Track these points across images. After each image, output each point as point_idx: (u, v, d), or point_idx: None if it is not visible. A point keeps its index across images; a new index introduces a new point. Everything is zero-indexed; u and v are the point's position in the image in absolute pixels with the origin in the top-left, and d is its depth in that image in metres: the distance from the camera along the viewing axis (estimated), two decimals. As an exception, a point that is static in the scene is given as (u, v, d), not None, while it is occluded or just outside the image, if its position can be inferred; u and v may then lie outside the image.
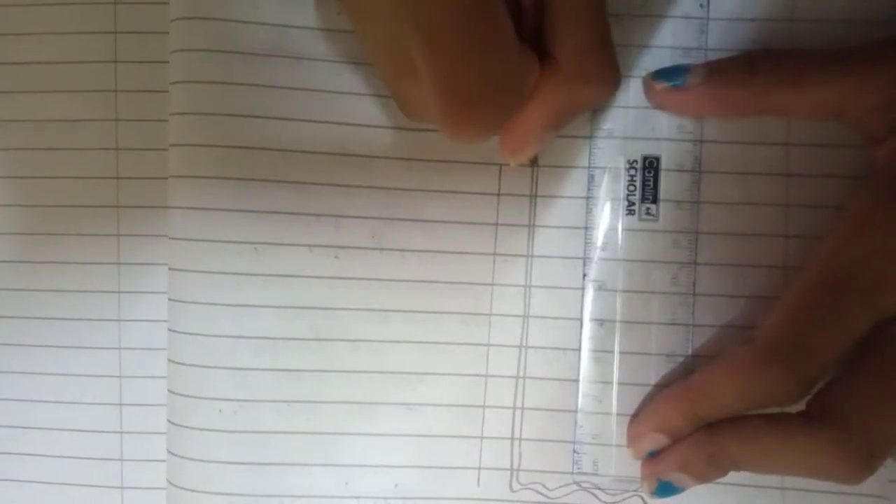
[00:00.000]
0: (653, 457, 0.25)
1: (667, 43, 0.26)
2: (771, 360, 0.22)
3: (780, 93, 0.24)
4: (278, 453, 0.26)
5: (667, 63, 0.25)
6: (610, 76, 0.23)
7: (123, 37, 0.29)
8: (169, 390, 0.27)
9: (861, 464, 0.22)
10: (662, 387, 0.25)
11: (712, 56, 0.25)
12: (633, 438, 0.25)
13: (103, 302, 0.29)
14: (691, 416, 0.24)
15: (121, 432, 0.29)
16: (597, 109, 0.26)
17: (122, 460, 0.29)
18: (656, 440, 0.24)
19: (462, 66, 0.20)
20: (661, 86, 0.25)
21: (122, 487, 0.29)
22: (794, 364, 0.22)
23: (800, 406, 0.23)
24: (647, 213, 0.26)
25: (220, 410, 0.26)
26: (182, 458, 0.27)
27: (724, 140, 0.26)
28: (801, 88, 0.24)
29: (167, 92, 0.26)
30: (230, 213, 0.26)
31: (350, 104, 0.26)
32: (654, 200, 0.26)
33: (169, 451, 0.27)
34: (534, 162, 0.26)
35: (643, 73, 0.25)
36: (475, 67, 0.20)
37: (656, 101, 0.25)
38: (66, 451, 0.29)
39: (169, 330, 0.27)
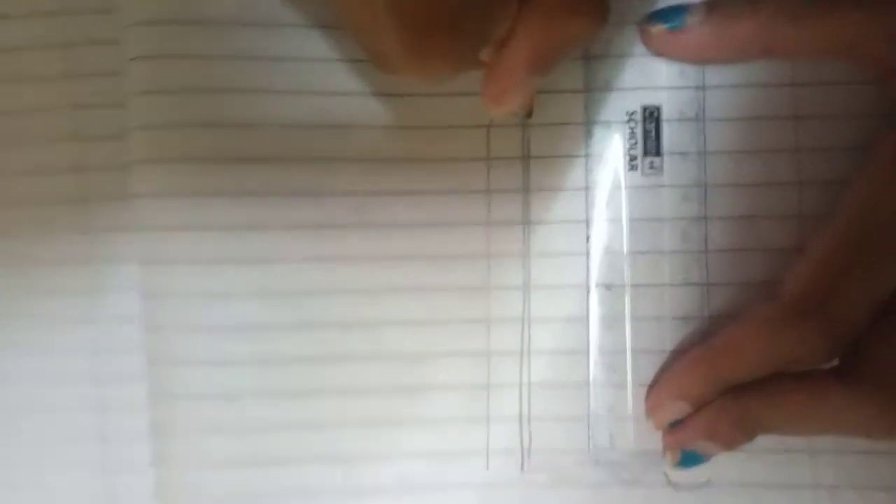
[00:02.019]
0: (675, 426, 0.24)
1: (662, -17, 0.24)
2: (800, 315, 0.21)
3: (788, 27, 0.22)
4: (270, 449, 0.25)
5: (663, 5, 0.24)
6: (597, 8, 0.21)
7: (74, 18, 0.27)
8: (150, 390, 0.26)
9: (901, 418, 0.21)
10: (680, 352, 0.24)
11: None
12: (652, 408, 0.24)
13: (76, 301, 0.27)
14: (714, 380, 0.23)
15: (103, 440, 0.27)
16: (589, 59, 0.25)
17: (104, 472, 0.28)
18: (678, 408, 0.23)
19: None
20: (658, 29, 0.24)
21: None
22: (825, 319, 0.21)
23: (829, 364, 0.22)
24: (651, 168, 0.25)
25: (204, 407, 0.25)
26: (168, 461, 0.25)
27: (728, 84, 0.24)
28: (810, 22, 0.22)
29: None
30: (200, 197, 0.25)
31: (323, 71, 0.25)
32: (658, 153, 0.25)
33: (154, 456, 0.26)
34: (528, 115, 0.25)
35: (638, 18, 0.24)
36: None
37: (654, 46, 0.24)
38: (45, 458, 0.28)
39: (146, 326, 0.26)
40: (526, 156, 0.25)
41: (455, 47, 0.20)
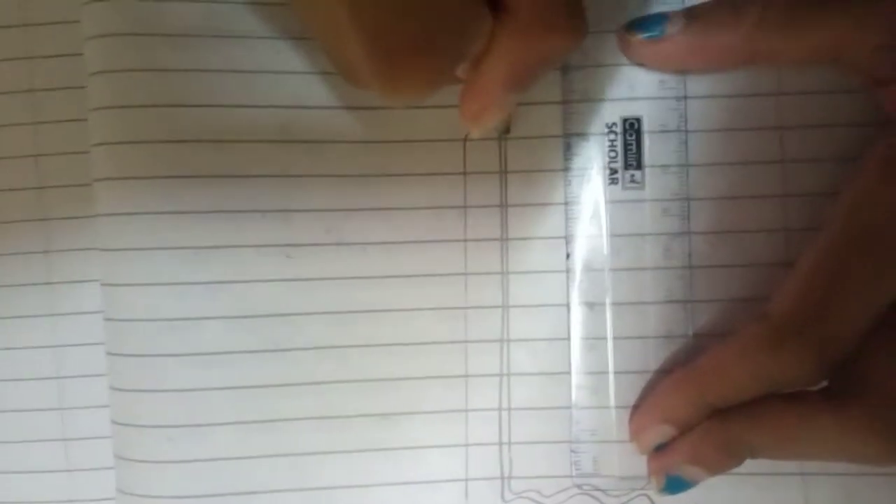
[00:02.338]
0: (660, 450, 0.23)
1: (641, -9, 0.24)
2: (790, 335, 0.20)
3: (771, 37, 0.22)
4: (240, 482, 0.24)
5: (642, 13, 0.23)
6: (574, 24, 0.21)
7: (35, 29, 0.26)
8: (112, 420, 0.25)
9: (893, 441, 0.20)
10: (664, 372, 0.24)
11: (691, 3, 0.23)
12: (636, 432, 0.23)
13: (36, 326, 0.27)
14: (700, 402, 0.22)
15: (68, 470, 0.27)
16: (567, 70, 0.24)
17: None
18: (663, 432, 0.22)
19: (385, 11, 0.18)
20: (637, 38, 0.23)
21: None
22: (816, 339, 0.20)
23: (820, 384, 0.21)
24: (632, 181, 0.24)
25: (169, 438, 0.24)
26: (132, 495, 0.24)
27: (710, 94, 0.24)
28: (795, 30, 0.22)
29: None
30: (164, 216, 0.24)
31: (293, 84, 0.24)
32: (639, 166, 0.24)
33: (118, 490, 0.25)
34: (506, 131, 0.24)
35: (617, 27, 0.24)
36: (400, 11, 0.18)
37: (633, 55, 0.24)
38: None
39: (107, 353, 0.25)
40: (503, 170, 0.24)
41: (427, 67, 0.19)
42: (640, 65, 0.24)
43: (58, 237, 0.26)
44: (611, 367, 0.24)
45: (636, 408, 0.24)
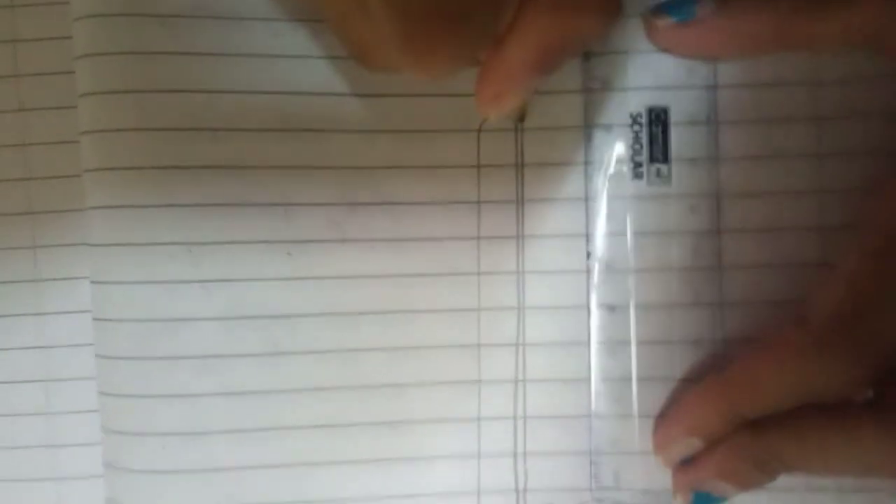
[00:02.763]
0: (686, 464, 0.22)
1: (667, -27, 0.23)
2: (833, 342, 0.19)
3: (807, 18, 0.21)
4: (237, 493, 0.23)
5: None
6: (607, 3, 0.20)
7: (22, 10, 0.26)
8: (102, 426, 0.24)
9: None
10: (690, 380, 0.23)
11: None
12: (661, 444, 0.22)
13: (22, 326, 0.26)
14: (731, 414, 0.21)
15: (55, 479, 0.26)
16: (588, 56, 0.23)
17: None
18: (690, 444, 0.22)
19: None
20: (664, 22, 0.22)
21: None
22: (861, 346, 0.19)
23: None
24: (658, 176, 0.23)
25: (163, 447, 0.23)
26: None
27: (742, 83, 0.23)
28: (832, 11, 0.21)
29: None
30: (157, 210, 0.23)
31: (294, 69, 0.23)
32: (665, 160, 0.23)
33: (107, 500, 0.24)
34: (521, 119, 0.23)
35: (642, 10, 0.22)
36: None
37: (660, 41, 0.22)
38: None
39: (96, 355, 0.24)
40: (519, 163, 0.23)
41: (459, 36, 0.18)
42: (667, 51, 0.23)
43: (44, 231, 0.26)
44: (633, 374, 0.23)
45: (661, 418, 0.23)
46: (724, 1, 0.21)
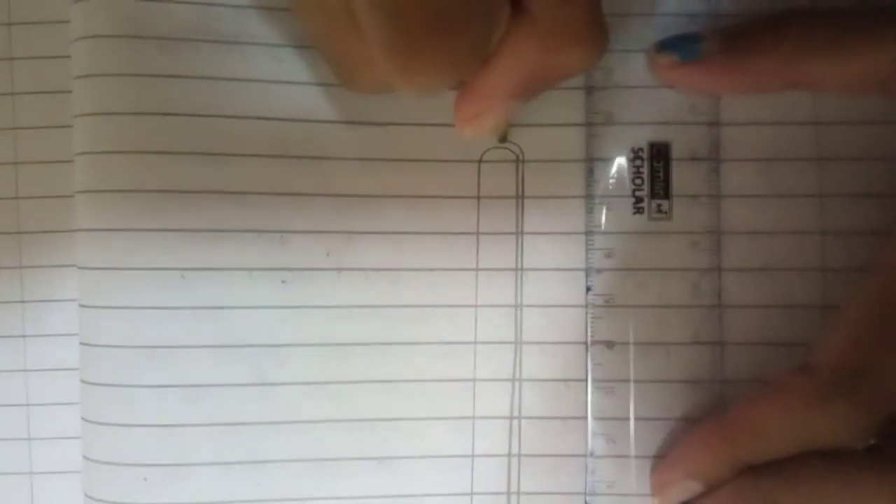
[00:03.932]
0: None
1: (670, 9, 0.23)
2: (838, 391, 0.19)
3: (814, 62, 0.21)
4: None
5: (671, 32, 0.22)
6: (594, 37, 0.19)
7: (18, 28, 0.25)
8: (84, 456, 0.23)
9: (948, 509, 0.18)
10: (689, 420, 0.22)
11: (723, 23, 0.22)
12: (659, 487, 0.22)
13: (5, 347, 0.25)
14: (732, 458, 0.20)
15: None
16: (591, 91, 0.23)
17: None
18: (688, 488, 0.21)
19: None
20: (668, 59, 0.22)
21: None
22: (867, 396, 0.19)
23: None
24: (659, 211, 0.23)
25: (145, 479, 0.23)
26: None
27: (745, 121, 0.23)
28: (840, 56, 0.20)
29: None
30: (148, 234, 0.22)
31: (293, 95, 0.23)
32: (666, 196, 0.23)
33: None
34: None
35: (646, 46, 0.22)
36: None
37: (663, 77, 0.22)
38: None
39: (81, 381, 0.23)
40: (519, 195, 0.23)
41: (448, 49, 0.18)
42: (671, 87, 0.23)
43: (30, 252, 0.25)
44: (631, 413, 0.23)
45: (659, 459, 0.22)
46: (731, 39, 0.21)
